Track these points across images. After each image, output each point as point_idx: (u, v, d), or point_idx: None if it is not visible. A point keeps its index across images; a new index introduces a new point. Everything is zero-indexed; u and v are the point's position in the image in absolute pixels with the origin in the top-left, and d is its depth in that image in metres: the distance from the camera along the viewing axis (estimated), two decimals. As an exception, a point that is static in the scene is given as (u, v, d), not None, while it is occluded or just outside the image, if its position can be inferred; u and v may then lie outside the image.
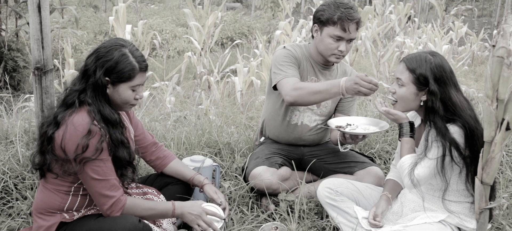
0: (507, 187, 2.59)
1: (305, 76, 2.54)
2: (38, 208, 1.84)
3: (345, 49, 2.40)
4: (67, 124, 1.71)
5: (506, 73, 1.51)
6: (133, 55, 1.81)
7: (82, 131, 1.70)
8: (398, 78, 1.96)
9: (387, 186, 2.16)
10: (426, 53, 1.94)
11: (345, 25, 2.33)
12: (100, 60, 1.77)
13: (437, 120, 1.88)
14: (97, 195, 1.79)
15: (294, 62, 2.45)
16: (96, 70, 1.76)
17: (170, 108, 4.57)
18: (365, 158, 2.60)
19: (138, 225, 1.77)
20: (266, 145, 2.67)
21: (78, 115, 1.73)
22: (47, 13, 2.07)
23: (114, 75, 1.78)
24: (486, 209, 1.66)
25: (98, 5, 14.35)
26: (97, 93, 1.78)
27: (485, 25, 11.73)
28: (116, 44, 1.80)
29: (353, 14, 2.36)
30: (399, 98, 1.97)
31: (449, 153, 1.85)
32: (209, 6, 5.72)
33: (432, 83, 1.88)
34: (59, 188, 1.81)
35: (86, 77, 1.78)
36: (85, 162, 1.72)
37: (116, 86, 1.80)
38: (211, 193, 2.15)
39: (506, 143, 3.03)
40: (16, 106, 4.02)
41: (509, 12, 1.49)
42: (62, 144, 1.71)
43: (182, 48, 10.21)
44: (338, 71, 2.62)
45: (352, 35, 2.38)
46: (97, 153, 1.72)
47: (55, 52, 7.17)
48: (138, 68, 1.81)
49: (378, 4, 9.13)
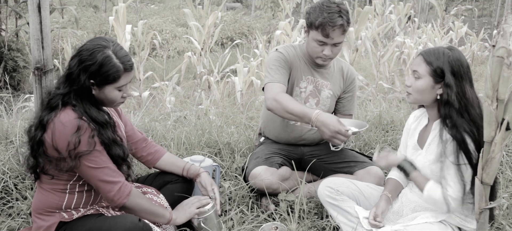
0: (507, 187, 2.59)
1: (299, 76, 2.54)
2: (36, 209, 1.84)
3: (330, 53, 2.39)
4: (54, 123, 1.70)
5: (506, 73, 1.51)
6: (117, 56, 1.76)
7: (70, 128, 1.69)
8: (415, 71, 1.95)
9: (388, 186, 2.16)
10: (444, 48, 1.93)
11: (327, 31, 2.32)
12: (83, 64, 1.73)
13: (452, 114, 1.87)
14: (101, 184, 1.77)
15: (283, 65, 2.45)
16: (80, 74, 1.74)
17: (170, 108, 4.57)
18: (365, 158, 2.60)
19: (138, 224, 1.76)
20: (265, 145, 2.67)
21: (63, 113, 1.72)
22: (47, 13, 2.07)
23: (99, 79, 1.75)
24: (486, 209, 1.66)
25: (98, 5, 14.36)
26: (82, 97, 1.76)
27: (485, 25, 11.73)
28: (98, 46, 1.76)
29: (336, 19, 2.31)
30: (415, 91, 1.95)
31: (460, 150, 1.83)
32: (209, 6, 5.72)
33: (449, 76, 1.87)
34: (55, 187, 1.81)
35: (70, 81, 1.76)
36: (80, 156, 1.71)
37: (102, 88, 1.78)
38: (207, 183, 2.15)
39: (506, 143, 3.03)
40: (16, 106, 4.02)
41: (509, 12, 1.49)
42: (53, 144, 1.70)
43: (182, 48, 10.21)
44: (334, 68, 2.61)
45: (336, 40, 2.36)
46: (91, 146, 1.71)
47: (55, 52, 7.18)
48: (123, 69, 1.77)
49: (378, 4, 9.12)
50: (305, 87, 2.56)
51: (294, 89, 2.56)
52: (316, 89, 2.57)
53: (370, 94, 5.74)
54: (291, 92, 2.56)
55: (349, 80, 2.64)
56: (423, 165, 1.98)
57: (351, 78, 2.64)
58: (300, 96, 2.57)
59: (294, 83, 2.56)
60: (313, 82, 2.56)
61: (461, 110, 1.86)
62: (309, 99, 2.57)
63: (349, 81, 2.64)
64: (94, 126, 1.74)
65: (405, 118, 3.64)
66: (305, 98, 2.57)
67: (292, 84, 2.56)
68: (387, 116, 3.77)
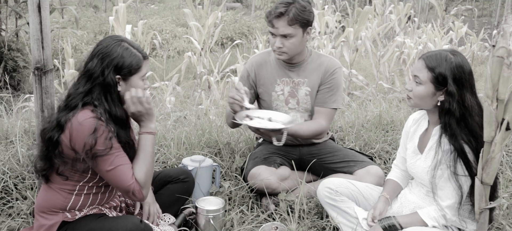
0: (507, 187, 2.59)
1: (273, 80, 2.54)
2: (40, 207, 1.84)
3: (281, 45, 2.37)
4: (71, 122, 1.70)
5: (506, 73, 1.51)
6: (133, 47, 1.83)
7: (88, 127, 1.69)
8: (416, 76, 1.89)
9: (387, 187, 2.16)
10: (447, 52, 1.86)
11: (270, 19, 2.35)
12: (105, 60, 1.76)
13: (452, 122, 1.83)
14: (119, 186, 1.77)
15: (244, 81, 2.57)
16: (104, 71, 1.76)
17: (170, 108, 4.57)
18: (364, 157, 2.59)
19: (140, 225, 1.77)
20: (264, 145, 2.68)
21: (81, 113, 1.72)
22: (47, 13, 2.06)
23: (125, 70, 1.79)
24: (486, 209, 1.66)
25: (98, 5, 14.36)
26: (105, 94, 1.78)
27: (485, 25, 11.73)
28: (115, 41, 1.81)
29: (278, 8, 2.32)
30: (415, 97, 1.90)
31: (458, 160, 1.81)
32: (209, 6, 5.72)
33: (451, 84, 1.81)
34: (63, 187, 1.81)
35: (92, 80, 1.77)
36: (97, 156, 1.71)
37: (128, 81, 1.81)
38: None
39: (506, 143, 3.04)
40: (16, 106, 4.02)
41: (509, 12, 1.49)
42: (71, 144, 1.71)
43: (182, 48, 10.21)
44: (313, 64, 2.54)
45: (281, 31, 2.34)
46: (107, 148, 1.71)
47: (55, 52, 7.18)
48: (142, 57, 1.84)
49: (378, 4, 9.12)
50: (282, 90, 2.55)
51: (271, 96, 2.56)
52: (294, 89, 2.54)
53: (370, 94, 5.74)
54: (269, 99, 2.57)
55: (328, 72, 2.52)
56: (423, 170, 1.96)
57: (329, 71, 2.52)
58: (279, 99, 2.56)
59: (269, 90, 2.56)
60: (289, 83, 2.54)
61: (460, 119, 1.82)
62: (289, 100, 2.55)
63: (327, 74, 2.52)
64: (112, 127, 1.75)
65: (405, 118, 3.64)
66: (285, 100, 2.55)
67: (267, 91, 2.57)
68: (387, 115, 3.77)
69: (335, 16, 7.60)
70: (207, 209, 2.14)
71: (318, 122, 2.49)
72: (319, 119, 2.50)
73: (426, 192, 2.00)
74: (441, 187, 1.88)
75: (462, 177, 1.82)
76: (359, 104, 4.51)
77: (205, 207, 2.15)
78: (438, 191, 1.89)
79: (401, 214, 2.02)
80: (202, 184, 2.40)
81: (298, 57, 2.50)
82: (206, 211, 2.14)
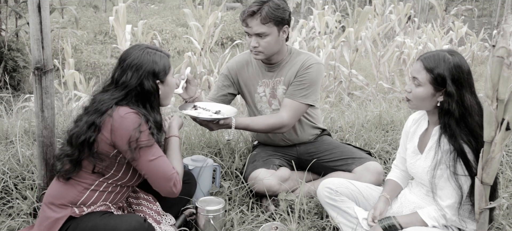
0: (507, 187, 2.59)
1: (255, 82, 2.54)
2: (50, 198, 1.84)
3: (256, 44, 2.35)
4: (113, 118, 1.75)
5: (506, 73, 1.51)
6: (158, 50, 1.92)
7: (131, 120, 1.76)
8: (414, 78, 1.88)
9: (387, 187, 2.15)
10: (445, 52, 1.85)
11: (243, 18, 2.36)
12: (140, 70, 1.83)
13: (451, 123, 1.82)
14: (160, 176, 1.83)
15: (220, 85, 2.59)
16: (143, 81, 1.82)
17: (170, 108, 4.56)
18: (362, 153, 2.56)
19: (144, 224, 1.78)
20: (261, 148, 2.67)
21: (121, 108, 1.78)
22: (47, 13, 2.06)
23: (162, 73, 1.88)
24: (486, 209, 1.67)
25: (98, 5, 14.36)
26: (144, 102, 1.85)
27: (485, 25, 11.73)
28: (141, 50, 1.87)
29: (252, 8, 2.31)
30: (415, 99, 1.90)
31: (458, 159, 1.81)
32: (209, 6, 5.73)
33: (450, 84, 1.80)
34: (81, 181, 1.83)
35: (126, 90, 1.82)
36: (141, 147, 1.77)
37: (165, 81, 1.92)
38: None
39: (506, 143, 3.03)
40: (16, 106, 4.01)
41: (509, 12, 1.49)
42: (112, 138, 1.76)
43: (182, 48, 10.22)
44: (292, 62, 2.48)
45: (256, 30, 2.32)
46: (151, 139, 1.79)
47: (55, 52, 7.18)
48: (167, 56, 1.95)
49: (378, 4, 9.13)
50: (264, 91, 2.54)
51: (254, 97, 2.57)
52: (273, 89, 2.53)
53: (370, 94, 5.74)
54: (253, 101, 2.57)
55: (303, 67, 2.43)
56: (422, 170, 1.96)
57: (305, 66, 2.43)
58: (262, 101, 2.56)
59: (251, 91, 2.56)
60: (270, 84, 2.53)
61: (459, 119, 1.82)
62: (272, 101, 2.54)
63: (302, 68, 2.43)
64: (152, 124, 1.82)
65: (405, 118, 3.64)
66: (268, 101, 2.55)
67: (250, 93, 2.57)
68: (387, 115, 3.77)
69: (335, 16, 7.61)
70: (207, 209, 2.14)
71: (279, 115, 2.40)
72: (281, 112, 2.41)
73: (426, 192, 2.00)
74: (441, 187, 1.88)
75: (462, 177, 1.82)
76: (359, 104, 4.51)
77: (205, 207, 2.15)
78: (438, 191, 1.90)
79: (401, 214, 2.02)
80: (203, 184, 2.40)
81: (276, 57, 2.47)
82: (206, 211, 2.14)
